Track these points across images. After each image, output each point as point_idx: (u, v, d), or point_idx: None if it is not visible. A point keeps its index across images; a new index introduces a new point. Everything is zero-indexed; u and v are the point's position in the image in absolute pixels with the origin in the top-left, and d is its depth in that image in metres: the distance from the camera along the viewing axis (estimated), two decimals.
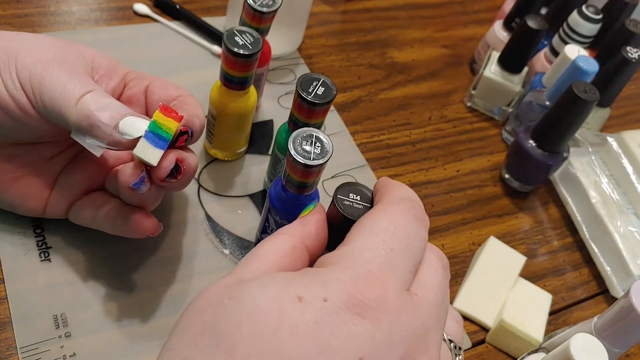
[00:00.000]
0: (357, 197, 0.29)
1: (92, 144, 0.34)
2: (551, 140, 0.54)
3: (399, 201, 0.26)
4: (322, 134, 0.36)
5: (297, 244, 0.27)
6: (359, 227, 0.25)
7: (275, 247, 0.26)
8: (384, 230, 0.24)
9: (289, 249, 0.26)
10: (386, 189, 0.28)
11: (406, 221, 0.25)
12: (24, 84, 0.34)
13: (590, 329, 0.39)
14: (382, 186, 0.29)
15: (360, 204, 0.29)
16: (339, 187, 0.29)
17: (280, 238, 0.27)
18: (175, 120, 0.34)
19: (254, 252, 0.26)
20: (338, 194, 0.29)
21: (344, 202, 0.28)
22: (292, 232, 0.27)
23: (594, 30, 0.62)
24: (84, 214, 0.40)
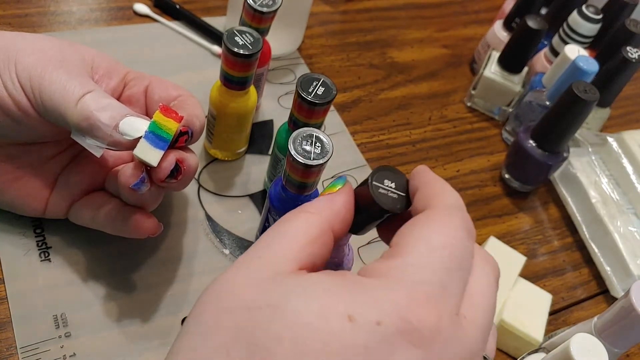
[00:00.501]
0: (392, 184, 0.27)
1: (92, 144, 0.34)
2: (551, 140, 0.54)
3: (452, 211, 0.24)
4: (322, 134, 0.36)
5: (325, 227, 0.25)
6: (412, 238, 0.23)
7: (304, 229, 0.24)
8: (442, 248, 0.22)
9: (317, 233, 0.24)
10: (432, 189, 0.26)
11: (461, 238, 0.23)
12: (24, 85, 0.34)
13: (590, 329, 0.39)
14: (423, 182, 0.26)
15: (395, 192, 0.27)
16: (375, 172, 0.27)
17: (309, 218, 0.25)
18: (175, 120, 0.34)
19: (281, 231, 0.24)
20: (374, 179, 0.26)
21: (379, 189, 0.26)
22: (320, 211, 0.25)
23: (594, 30, 0.62)
24: (84, 214, 0.40)
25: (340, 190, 0.27)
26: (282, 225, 0.24)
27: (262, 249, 0.23)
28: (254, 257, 0.23)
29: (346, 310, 0.20)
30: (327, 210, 0.25)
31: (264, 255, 0.23)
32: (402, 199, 0.27)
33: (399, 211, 0.26)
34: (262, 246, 0.24)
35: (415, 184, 0.26)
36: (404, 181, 0.27)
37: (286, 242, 0.23)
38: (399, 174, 0.27)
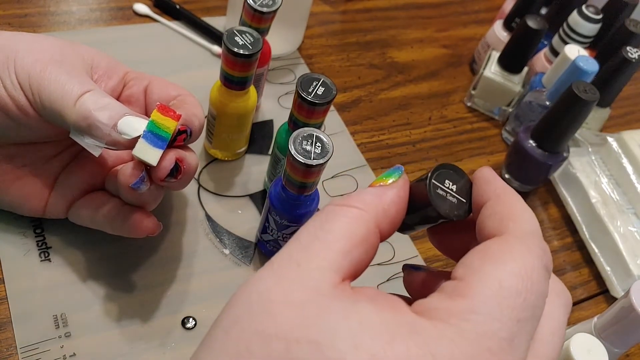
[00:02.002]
0: (454, 186, 0.24)
1: (91, 143, 0.34)
2: (551, 140, 0.54)
3: (530, 244, 0.21)
4: (322, 134, 0.36)
5: (372, 227, 0.22)
6: (481, 276, 0.20)
7: (348, 229, 0.21)
8: (516, 295, 0.19)
9: (363, 234, 0.22)
10: (506, 208, 0.23)
11: (539, 281, 0.20)
12: (23, 84, 0.34)
13: (590, 329, 0.39)
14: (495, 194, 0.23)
15: (455, 196, 0.24)
16: (436, 169, 0.24)
17: (355, 215, 0.22)
18: (173, 119, 0.34)
19: (322, 228, 0.21)
20: (434, 177, 0.24)
21: (437, 189, 0.24)
22: (367, 207, 0.22)
23: (594, 30, 0.62)
24: (83, 213, 0.40)
25: (393, 184, 0.24)
26: (324, 221, 0.22)
27: (300, 252, 0.21)
28: (292, 264, 0.20)
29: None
30: (375, 207, 0.23)
31: (302, 261, 0.20)
32: (462, 205, 0.24)
33: (456, 218, 0.24)
34: (300, 248, 0.21)
35: (483, 193, 0.24)
36: (467, 184, 0.25)
37: (328, 245, 0.21)
38: (461, 174, 0.25)
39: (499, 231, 0.22)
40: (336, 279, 0.20)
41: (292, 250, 0.21)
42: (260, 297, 0.19)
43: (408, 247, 0.51)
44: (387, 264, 0.49)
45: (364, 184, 0.54)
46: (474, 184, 0.24)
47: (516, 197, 0.23)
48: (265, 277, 0.20)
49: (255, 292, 0.20)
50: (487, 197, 0.23)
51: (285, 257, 0.21)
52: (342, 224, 0.21)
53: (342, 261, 0.21)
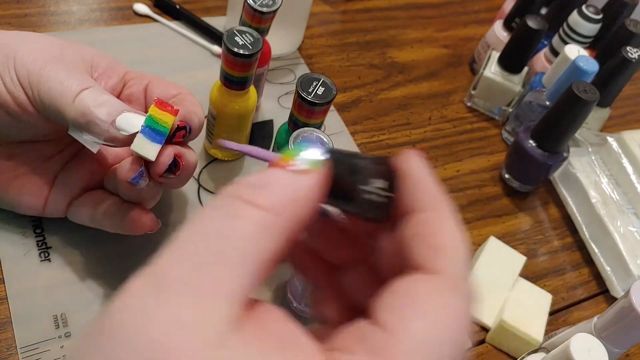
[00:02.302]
0: (379, 181, 0.22)
1: (89, 140, 0.34)
2: (551, 140, 0.54)
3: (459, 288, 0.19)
4: (323, 134, 0.36)
5: (283, 242, 0.18)
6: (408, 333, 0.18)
7: (258, 247, 0.18)
8: (439, 349, 0.18)
9: (273, 252, 0.18)
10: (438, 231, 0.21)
11: (462, 337, 0.19)
12: (23, 82, 0.34)
13: (590, 329, 0.39)
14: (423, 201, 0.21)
15: (380, 193, 0.22)
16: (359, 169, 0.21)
17: (265, 224, 0.18)
18: (171, 114, 0.34)
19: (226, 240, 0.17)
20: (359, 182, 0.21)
21: (363, 195, 0.21)
22: (280, 212, 0.18)
23: (594, 30, 0.62)
24: (82, 211, 0.40)
25: (314, 175, 0.19)
26: (227, 227, 0.18)
27: (198, 277, 0.17)
28: (188, 297, 0.16)
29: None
30: (289, 213, 0.18)
31: (200, 293, 0.17)
32: (389, 201, 0.22)
33: (382, 221, 0.22)
34: (198, 268, 0.17)
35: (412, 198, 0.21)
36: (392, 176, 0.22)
37: (232, 269, 0.17)
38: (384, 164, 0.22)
39: (430, 267, 0.20)
40: (238, 312, 0.17)
41: (185, 265, 0.17)
42: (151, 348, 0.16)
43: None
44: None
45: None
46: (400, 181, 0.22)
47: (450, 217, 0.21)
48: (154, 313, 0.16)
49: (145, 337, 0.16)
50: (416, 206, 0.21)
51: (177, 275, 0.17)
52: (249, 238, 0.17)
53: (248, 287, 0.17)
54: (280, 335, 0.18)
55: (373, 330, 0.18)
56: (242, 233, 0.17)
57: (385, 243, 0.23)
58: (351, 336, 0.19)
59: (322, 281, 0.25)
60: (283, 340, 0.18)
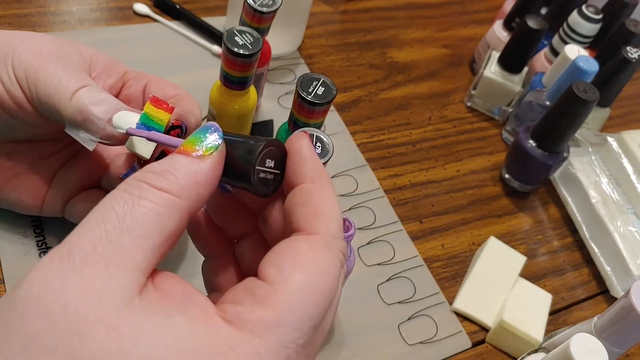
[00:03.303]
0: (272, 162, 0.24)
1: (86, 137, 0.34)
2: (551, 140, 0.54)
3: (333, 247, 0.23)
4: (323, 134, 0.36)
5: (184, 220, 0.21)
6: (290, 285, 0.21)
7: (161, 223, 0.20)
8: (316, 306, 0.21)
9: (175, 228, 0.21)
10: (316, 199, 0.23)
11: (335, 285, 0.22)
12: (20, 79, 0.34)
13: (590, 329, 0.39)
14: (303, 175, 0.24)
15: (272, 172, 0.24)
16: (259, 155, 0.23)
17: (168, 204, 0.20)
18: (166, 111, 0.34)
19: (132, 217, 0.20)
20: (258, 163, 0.23)
21: (259, 174, 0.23)
22: (182, 193, 0.21)
23: (594, 30, 0.62)
24: (78, 209, 0.40)
25: (210, 161, 0.22)
26: (134, 206, 0.20)
27: (107, 248, 0.19)
28: (99, 263, 0.19)
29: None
30: (190, 193, 0.21)
31: (110, 261, 0.19)
32: (276, 179, 0.25)
33: (269, 195, 0.25)
34: (107, 240, 0.19)
35: (297, 173, 0.24)
36: (283, 155, 0.25)
37: (138, 242, 0.19)
38: (279, 146, 0.24)
39: (309, 229, 0.23)
40: (143, 280, 0.20)
41: (96, 240, 0.19)
42: (66, 312, 0.18)
43: (408, 248, 0.51)
44: (387, 264, 0.49)
45: (364, 184, 0.54)
46: (289, 159, 0.24)
47: (329, 188, 0.24)
48: (68, 281, 0.18)
49: (59, 304, 0.18)
50: (301, 180, 0.24)
51: (89, 249, 0.19)
52: (154, 215, 0.20)
53: (151, 259, 0.20)
54: (179, 295, 0.21)
55: (258, 284, 0.21)
56: (146, 212, 0.20)
57: (273, 214, 0.25)
58: (240, 290, 0.21)
59: (217, 251, 0.28)
60: (181, 298, 0.20)
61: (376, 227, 0.51)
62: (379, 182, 0.55)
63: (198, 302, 0.21)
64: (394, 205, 0.54)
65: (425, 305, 0.48)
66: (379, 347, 0.45)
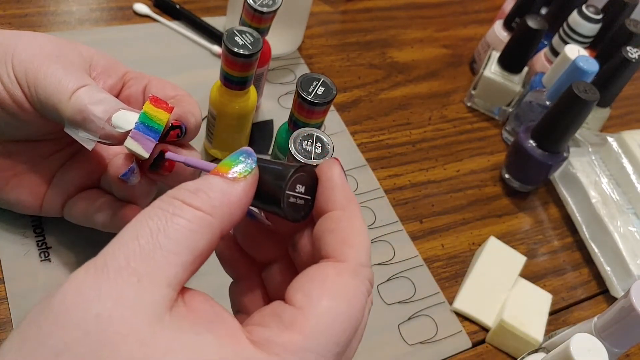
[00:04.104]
0: (302, 187, 0.25)
1: (85, 137, 0.34)
2: (551, 140, 0.54)
3: (360, 275, 0.23)
4: (323, 134, 0.36)
5: (216, 236, 0.21)
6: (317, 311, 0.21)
7: (193, 241, 0.20)
8: (342, 334, 0.21)
9: (206, 246, 0.21)
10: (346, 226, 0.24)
11: (362, 314, 0.22)
12: (20, 79, 0.34)
13: (590, 329, 0.39)
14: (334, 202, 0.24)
15: (303, 198, 0.25)
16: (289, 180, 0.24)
17: (200, 222, 0.21)
18: (165, 111, 0.34)
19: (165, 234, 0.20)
20: (288, 187, 0.24)
21: (289, 199, 0.24)
22: (214, 212, 0.21)
23: (594, 30, 0.62)
24: (77, 208, 0.40)
25: (244, 182, 0.22)
26: (167, 223, 0.20)
27: (140, 262, 0.19)
28: (131, 277, 0.19)
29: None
30: (222, 213, 0.21)
31: (143, 275, 0.19)
32: (307, 205, 0.25)
33: (300, 221, 0.25)
34: (140, 254, 0.19)
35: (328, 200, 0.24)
36: (314, 181, 0.25)
37: (170, 257, 0.20)
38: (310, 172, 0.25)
39: (338, 256, 0.23)
40: (173, 296, 0.20)
41: (130, 254, 0.19)
42: (98, 323, 0.18)
43: (408, 248, 0.51)
44: (387, 264, 0.49)
45: (364, 184, 0.54)
46: (320, 185, 0.25)
47: (358, 216, 0.24)
48: (102, 293, 0.18)
49: (92, 314, 0.18)
50: (331, 207, 0.24)
51: (123, 262, 0.19)
52: (186, 232, 0.20)
53: (182, 275, 0.20)
54: (208, 314, 0.21)
55: (286, 308, 0.21)
56: (179, 229, 0.20)
57: (303, 241, 0.26)
58: (267, 313, 0.22)
59: (244, 274, 0.29)
60: (210, 316, 0.21)
61: (376, 227, 0.51)
62: (379, 182, 0.55)
63: (226, 322, 0.21)
64: (394, 205, 0.54)
65: (425, 305, 0.48)
66: (379, 347, 0.45)
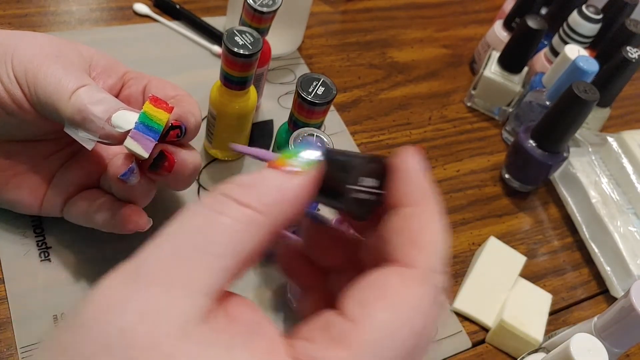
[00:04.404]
0: (368, 180, 0.22)
1: (85, 137, 0.34)
2: (551, 140, 0.54)
3: (430, 282, 0.20)
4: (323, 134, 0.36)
5: (265, 237, 0.19)
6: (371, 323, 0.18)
7: (239, 243, 0.18)
8: (400, 351, 0.18)
9: (253, 248, 0.19)
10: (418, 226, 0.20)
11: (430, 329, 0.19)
12: (20, 78, 0.34)
13: (590, 329, 0.39)
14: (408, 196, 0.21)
15: (371, 190, 0.22)
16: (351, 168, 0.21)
17: (248, 221, 0.18)
18: (165, 111, 0.34)
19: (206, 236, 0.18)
20: (349, 181, 0.21)
21: (351, 194, 0.21)
22: (265, 209, 0.19)
23: (594, 30, 0.62)
24: (77, 208, 0.40)
25: (304, 176, 0.20)
26: (210, 223, 0.18)
27: (175, 268, 0.17)
28: (163, 286, 0.17)
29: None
30: (274, 211, 0.19)
31: (176, 284, 0.17)
32: (377, 199, 0.22)
33: (367, 218, 0.22)
34: (176, 260, 0.18)
35: (401, 193, 0.21)
36: (382, 170, 0.22)
37: (210, 263, 0.18)
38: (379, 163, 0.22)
39: (404, 260, 0.20)
40: (209, 305, 0.17)
41: (164, 258, 0.18)
42: (122, 337, 0.16)
43: None
44: None
45: None
46: (394, 174, 0.22)
47: (434, 213, 0.21)
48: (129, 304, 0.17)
49: (116, 327, 0.17)
50: (403, 202, 0.21)
51: (155, 268, 0.17)
52: (231, 233, 0.18)
53: (223, 281, 0.18)
54: (248, 323, 0.18)
55: (337, 319, 0.19)
56: (224, 229, 0.18)
57: (371, 241, 0.23)
58: (316, 326, 0.19)
59: (310, 284, 0.26)
60: (250, 327, 0.18)
61: None
62: None
63: (266, 334, 0.18)
64: None
65: None
66: None
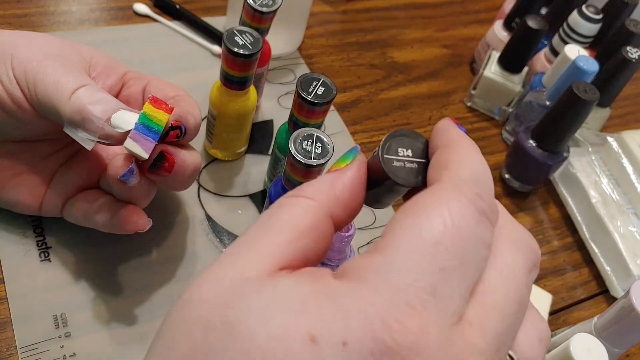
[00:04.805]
0: (409, 151, 0.23)
1: (84, 137, 0.34)
2: (551, 140, 0.54)
3: (460, 188, 0.19)
4: (323, 134, 0.36)
5: (321, 218, 0.21)
6: (400, 228, 0.18)
7: (295, 220, 0.20)
8: (435, 244, 0.18)
9: (310, 224, 0.20)
10: (449, 155, 0.21)
11: (466, 225, 0.18)
12: (19, 78, 0.34)
13: (590, 329, 0.39)
14: (442, 143, 0.22)
15: (412, 161, 0.22)
16: (386, 141, 0.22)
17: (303, 205, 0.21)
18: (165, 112, 0.34)
19: (266, 221, 0.20)
20: (385, 153, 0.22)
21: (392, 162, 0.22)
22: (317, 195, 0.21)
23: (594, 30, 0.62)
24: (76, 208, 0.40)
25: (347, 167, 0.22)
26: (271, 214, 0.21)
27: (241, 244, 0.20)
28: (228, 255, 0.20)
29: (309, 330, 0.16)
30: (326, 194, 0.21)
31: (239, 252, 0.20)
32: (421, 168, 0.23)
33: (419, 184, 0.22)
34: (243, 240, 0.20)
35: (435, 144, 0.22)
36: (422, 144, 0.23)
37: (270, 236, 0.20)
38: (415, 137, 0.23)
39: (432, 181, 0.20)
40: (272, 267, 0.19)
41: (235, 242, 0.20)
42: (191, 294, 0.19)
43: None
44: None
45: None
46: (431, 137, 0.23)
47: (466, 144, 0.21)
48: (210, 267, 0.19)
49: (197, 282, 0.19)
50: (437, 147, 0.22)
51: (228, 249, 0.20)
52: (288, 215, 0.20)
53: (284, 250, 0.19)
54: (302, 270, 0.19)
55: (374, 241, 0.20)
56: (282, 215, 0.20)
57: None
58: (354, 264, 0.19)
59: None
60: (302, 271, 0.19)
61: (376, 227, 0.51)
62: None
63: (315, 270, 0.19)
64: (394, 205, 0.54)
65: None
66: None
